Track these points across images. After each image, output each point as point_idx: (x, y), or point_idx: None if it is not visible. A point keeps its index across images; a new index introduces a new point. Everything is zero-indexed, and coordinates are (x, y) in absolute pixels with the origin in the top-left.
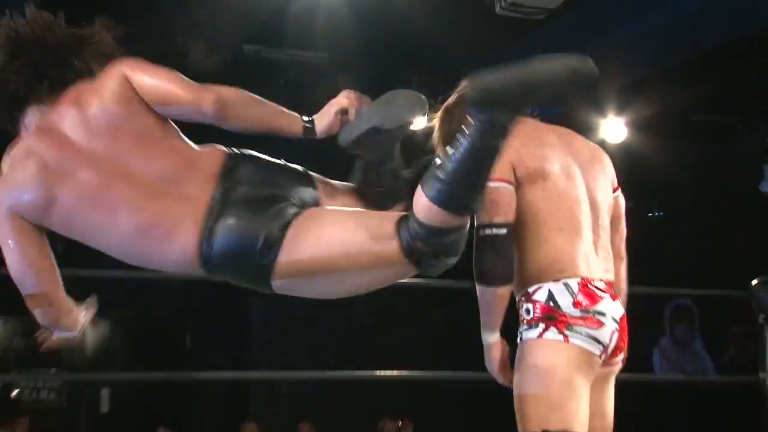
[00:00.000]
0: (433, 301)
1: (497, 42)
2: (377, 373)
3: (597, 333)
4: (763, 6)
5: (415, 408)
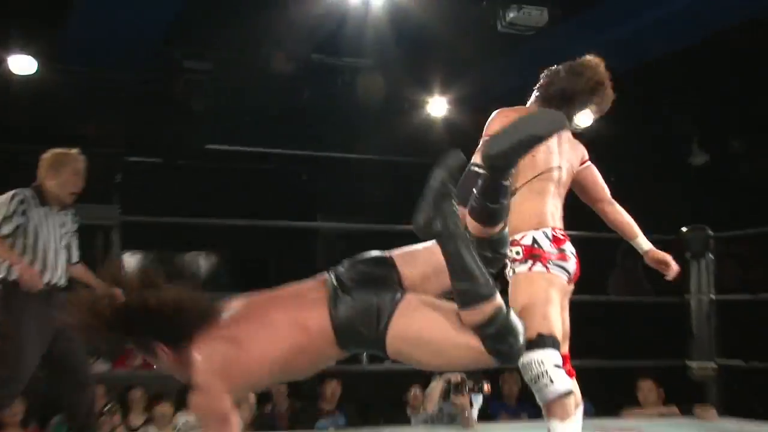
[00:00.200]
0: None
1: (499, 51)
2: None
3: (566, 265)
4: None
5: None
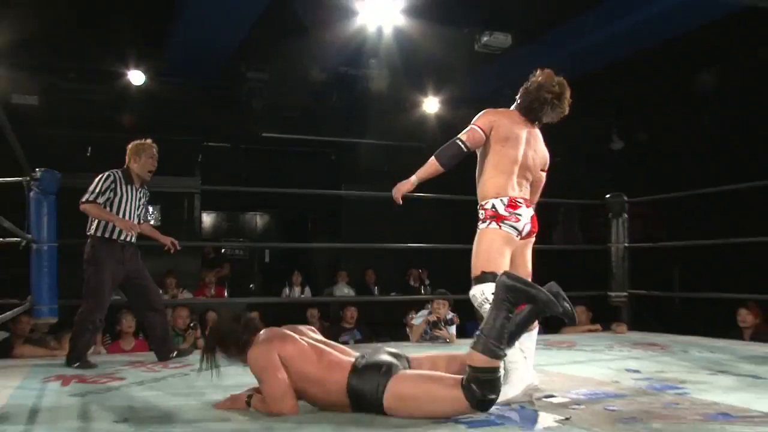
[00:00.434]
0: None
1: (476, 65)
2: (409, 245)
3: (516, 225)
4: None
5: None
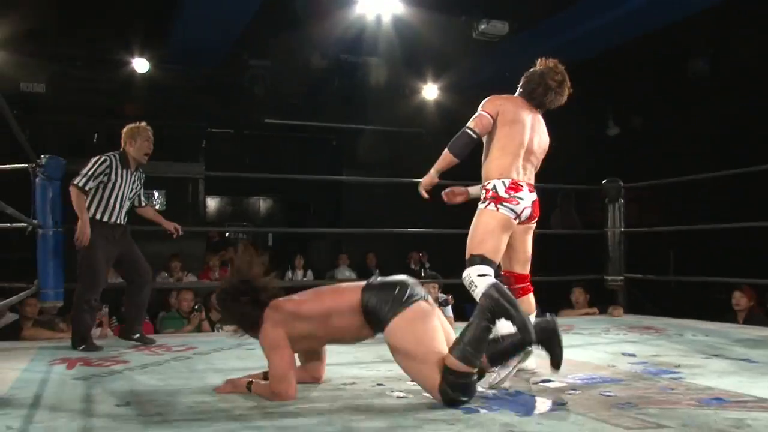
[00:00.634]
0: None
1: (474, 52)
2: (409, 230)
3: (515, 207)
4: None
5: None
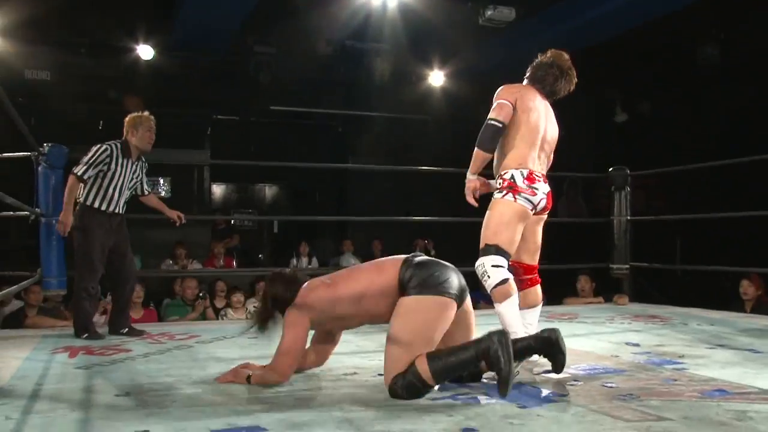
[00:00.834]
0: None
1: (480, 39)
2: (414, 218)
3: (532, 198)
4: None
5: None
